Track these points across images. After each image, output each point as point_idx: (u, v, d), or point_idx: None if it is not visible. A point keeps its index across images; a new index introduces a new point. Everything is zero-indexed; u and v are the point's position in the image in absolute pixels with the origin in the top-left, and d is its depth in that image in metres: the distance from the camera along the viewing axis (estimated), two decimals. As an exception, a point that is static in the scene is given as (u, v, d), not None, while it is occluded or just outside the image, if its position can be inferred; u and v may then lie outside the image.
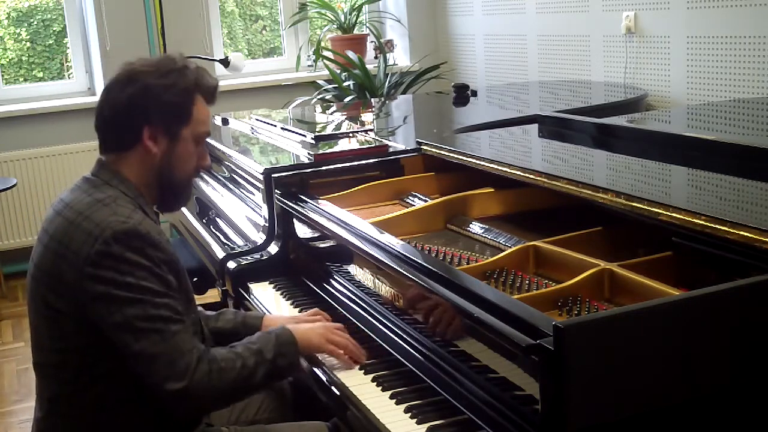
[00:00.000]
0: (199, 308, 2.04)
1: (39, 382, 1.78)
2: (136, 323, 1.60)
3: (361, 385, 1.75)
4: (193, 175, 1.83)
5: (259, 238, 2.57)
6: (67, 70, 5.44)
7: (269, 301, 2.34)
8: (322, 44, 5.46)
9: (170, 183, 1.79)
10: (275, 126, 3.23)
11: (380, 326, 1.94)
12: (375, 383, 1.75)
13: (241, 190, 2.99)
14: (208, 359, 1.66)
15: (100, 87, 5.18)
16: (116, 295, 1.60)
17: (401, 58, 5.70)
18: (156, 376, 1.61)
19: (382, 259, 1.86)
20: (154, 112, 1.71)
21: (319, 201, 2.35)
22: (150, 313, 1.61)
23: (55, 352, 1.71)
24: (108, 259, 1.60)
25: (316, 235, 2.32)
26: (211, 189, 3.33)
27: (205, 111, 1.79)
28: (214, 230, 2.94)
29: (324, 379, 1.84)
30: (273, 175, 2.53)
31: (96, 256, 1.60)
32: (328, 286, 2.25)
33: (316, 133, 2.89)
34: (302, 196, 2.42)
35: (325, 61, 5.21)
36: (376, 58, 5.43)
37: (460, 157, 2.41)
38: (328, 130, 3.14)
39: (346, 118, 3.75)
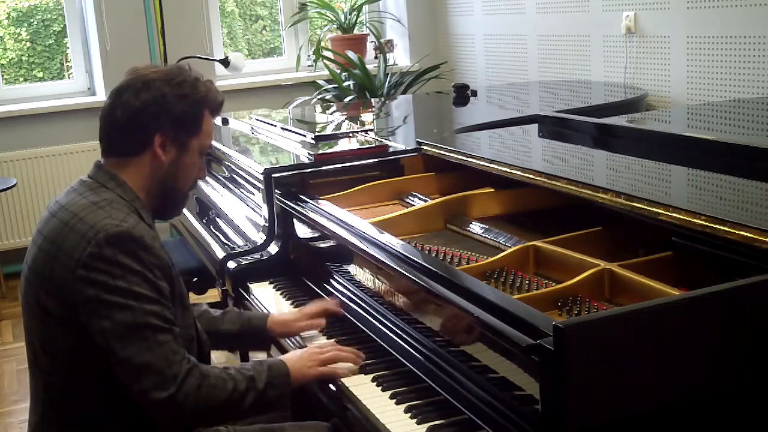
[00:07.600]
0: (205, 307, 2.06)
1: (32, 384, 1.78)
2: (124, 330, 1.58)
3: (361, 385, 1.75)
4: (193, 186, 1.86)
5: (259, 238, 2.57)
6: (67, 70, 5.44)
7: (269, 301, 2.34)
8: (322, 44, 5.46)
9: (173, 192, 1.81)
10: (275, 126, 3.23)
11: (380, 326, 1.94)
12: (375, 383, 1.75)
13: (241, 190, 2.99)
14: (200, 373, 1.64)
15: (100, 87, 5.18)
16: (106, 299, 1.59)
17: (401, 58, 5.70)
18: (142, 385, 1.59)
19: (382, 259, 1.86)
20: (166, 121, 1.73)
21: (319, 201, 2.35)
22: (138, 321, 1.59)
23: (45, 354, 1.71)
24: (100, 262, 1.60)
25: (316, 235, 2.32)
26: (211, 189, 3.33)
27: (211, 124, 1.83)
28: (214, 230, 2.94)
29: (324, 378, 1.83)
30: (273, 175, 2.53)
31: (88, 259, 1.60)
32: (328, 286, 2.25)
33: (316, 133, 2.89)
34: (302, 196, 2.42)
35: (325, 61, 5.21)
36: (376, 58, 5.43)
37: (460, 157, 2.41)
38: (328, 130, 3.14)
39: (346, 118, 3.74)
